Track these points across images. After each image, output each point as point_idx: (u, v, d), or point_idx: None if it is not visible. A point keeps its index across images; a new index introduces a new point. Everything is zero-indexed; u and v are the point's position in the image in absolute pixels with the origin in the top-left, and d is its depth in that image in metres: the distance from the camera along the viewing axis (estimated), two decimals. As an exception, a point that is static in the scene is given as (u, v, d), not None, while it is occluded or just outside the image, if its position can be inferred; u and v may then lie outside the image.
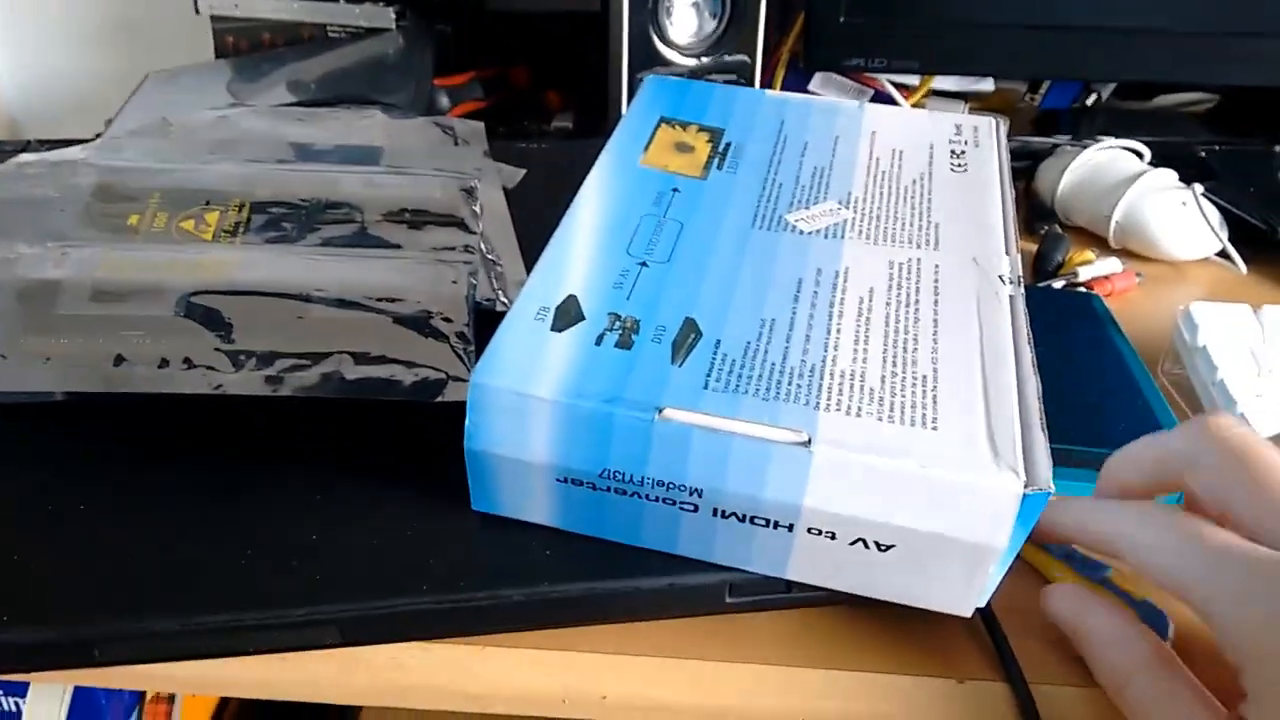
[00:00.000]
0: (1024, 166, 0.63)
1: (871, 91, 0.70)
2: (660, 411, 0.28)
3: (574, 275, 0.32)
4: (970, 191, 0.39)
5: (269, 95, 0.65)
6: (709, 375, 0.29)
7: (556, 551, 0.31)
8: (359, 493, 0.32)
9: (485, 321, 0.37)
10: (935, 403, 0.29)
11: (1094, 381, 0.42)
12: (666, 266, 0.33)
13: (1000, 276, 0.34)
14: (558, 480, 0.30)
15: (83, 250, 0.37)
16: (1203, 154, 0.63)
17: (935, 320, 0.32)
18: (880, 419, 0.28)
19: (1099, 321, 0.47)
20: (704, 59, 0.62)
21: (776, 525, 0.29)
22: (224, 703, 0.47)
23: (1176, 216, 0.55)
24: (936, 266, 0.35)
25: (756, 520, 0.29)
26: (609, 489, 0.29)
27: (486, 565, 0.30)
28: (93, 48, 0.91)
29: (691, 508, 0.29)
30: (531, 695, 0.31)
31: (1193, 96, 0.75)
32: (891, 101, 0.69)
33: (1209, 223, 0.55)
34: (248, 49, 0.71)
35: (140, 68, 0.77)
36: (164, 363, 0.33)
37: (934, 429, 0.28)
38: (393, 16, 0.69)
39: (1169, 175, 0.57)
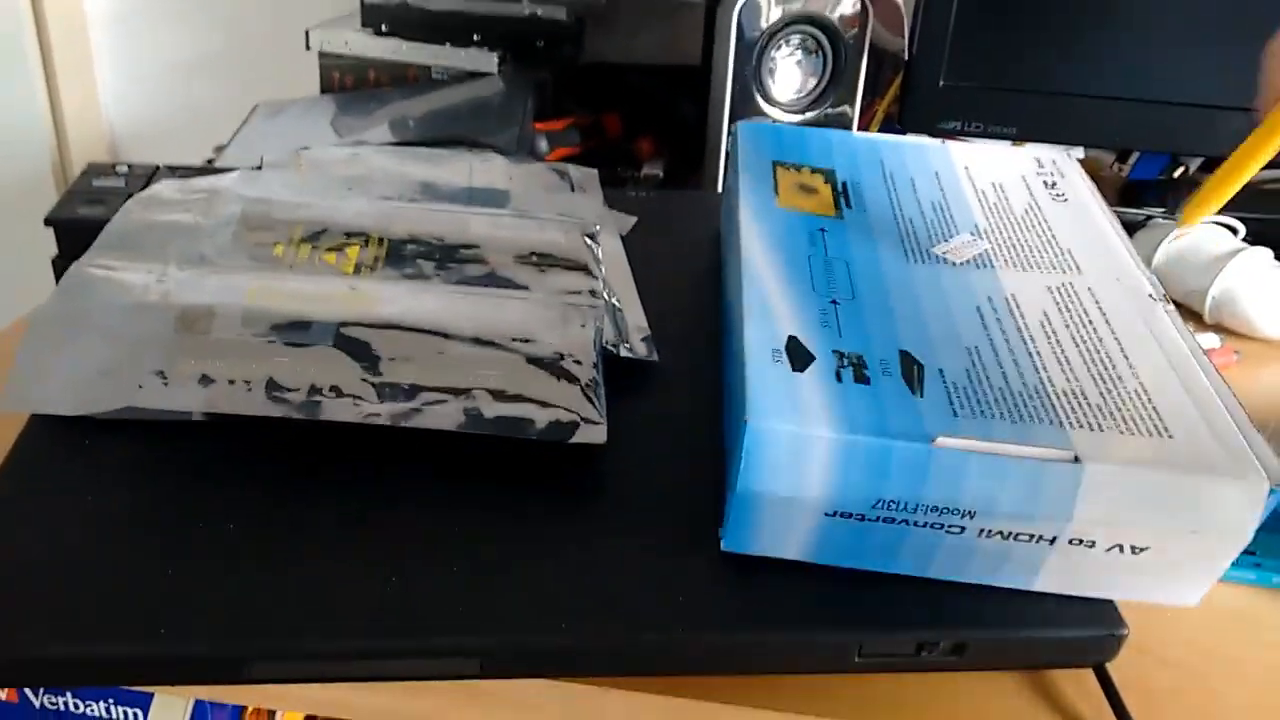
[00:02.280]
0: (1115, 236, 0.63)
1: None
2: (933, 440, 0.29)
3: (783, 317, 0.33)
4: (1080, 218, 0.41)
5: (373, 132, 0.67)
6: (951, 403, 0.30)
7: (690, 598, 0.31)
8: (498, 525, 0.33)
9: (609, 365, 0.38)
10: (1158, 413, 0.31)
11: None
12: (855, 303, 0.34)
13: (1149, 295, 0.36)
14: (826, 515, 0.30)
15: (233, 276, 0.39)
16: (1296, 233, 0.63)
17: (1116, 338, 0.34)
18: (1121, 432, 0.30)
19: (1205, 397, 0.47)
20: (803, 115, 0.63)
21: (1038, 539, 0.30)
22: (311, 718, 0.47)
23: (1275, 295, 0.55)
24: (1090, 289, 0.36)
25: (1020, 537, 0.30)
26: (878, 519, 0.30)
27: (623, 608, 0.31)
28: (196, 76, 0.94)
29: (959, 530, 0.30)
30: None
31: (1279, 174, 0.75)
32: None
33: (1309, 303, 0.55)
34: (353, 86, 0.74)
35: (242, 98, 0.79)
36: (314, 389, 0.34)
37: (1170, 437, 0.30)
38: (495, 61, 0.71)
39: (1265, 253, 0.58)
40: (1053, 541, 0.30)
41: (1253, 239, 0.59)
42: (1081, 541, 0.30)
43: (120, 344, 0.35)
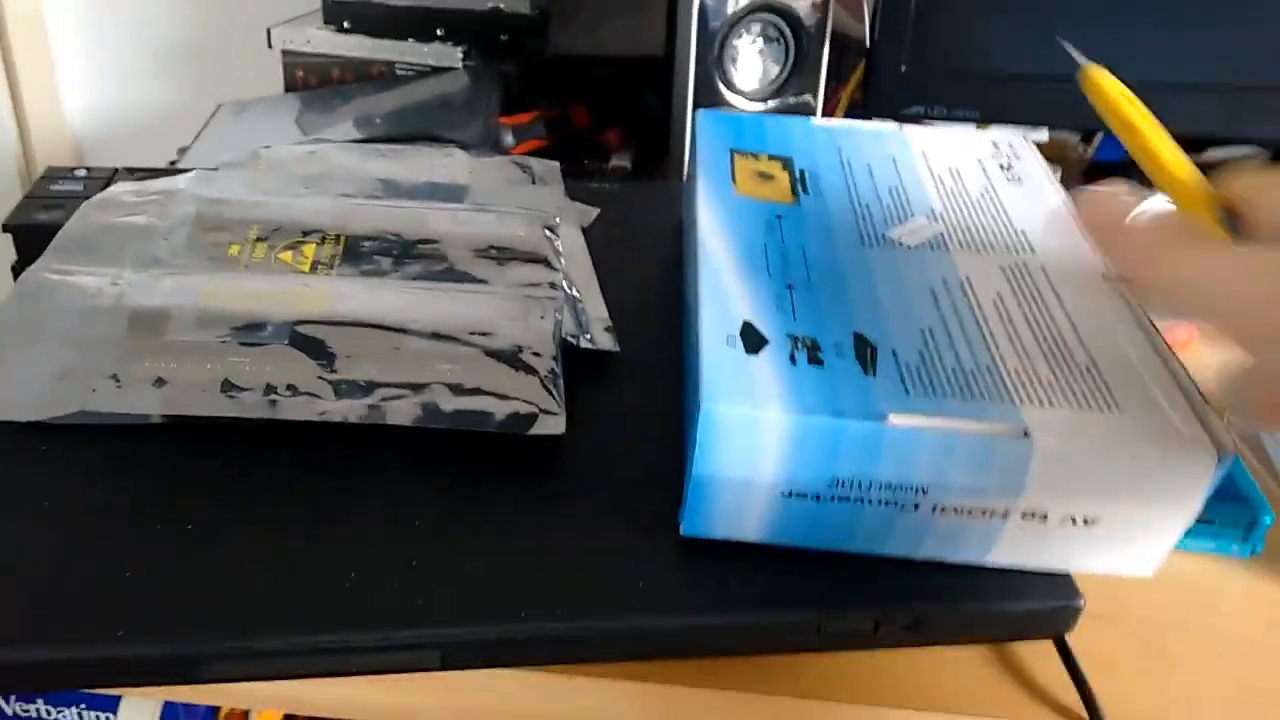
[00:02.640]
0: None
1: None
2: (885, 418, 0.29)
3: (738, 303, 0.34)
4: (1034, 199, 0.42)
5: (338, 129, 0.67)
6: (904, 383, 0.31)
7: (650, 584, 0.31)
8: (457, 518, 0.33)
9: (571, 357, 0.39)
10: (1109, 388, 0.31)
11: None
12: (810, 287, 0.35)
13: (1103, 275, 0.37)
14: (783, 495, 0.31)
15: (188, 278, 0.38)
16: (1258, 208, 0.64)
17: (1068, 316, 0.34)
18: (1072, 407, 0.31)
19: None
20: (767, 103, 0.64)
21: (991, 515, 0.31)
22: (289, 718, 0.47)
23: (1236, 269, 0.56)
24: (1043, 268, 0.37)
25: (973, 512, 0.31)
26: (833, 498, 0.31)
27: (583, 595, 0.31)
28: (159, 77, 0.93)
29: (913, 507, 0.31)
30: (618, 725, 0.32)
31: (1243, 150, 0.75)
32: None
33: (1269, 276, 0.55)
34: (316, 84, 0.74)
35: (206, 97, 0.79)
36: (270, 389, 0.34)
37: (1121, 411, 0.31)
38: (460, 56, 0.71)
39: (1226, 228, 0.58)
40: (1005, 516, 0.31)
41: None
42: (1033, 515, 0.31)
43: (74, 348, 0.35)
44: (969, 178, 0.43)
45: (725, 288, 0.34)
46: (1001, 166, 0.44)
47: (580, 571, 0.32)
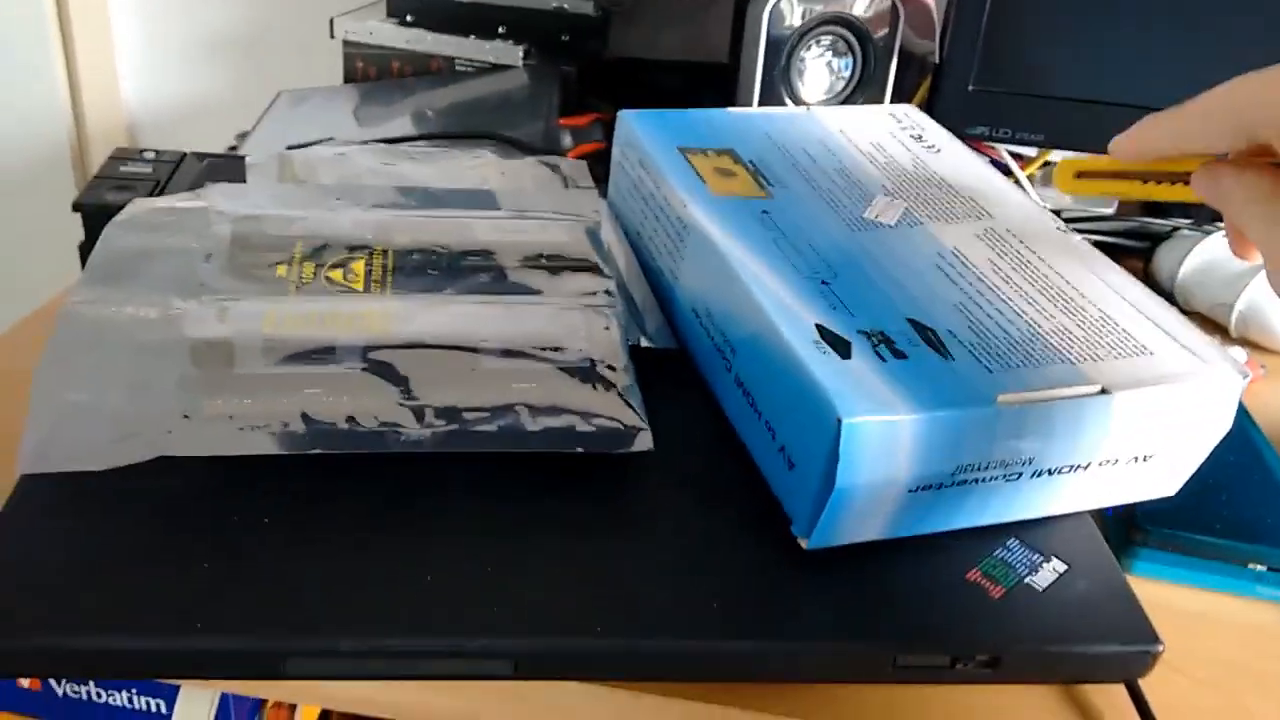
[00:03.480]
0: (1142, 247, 0.63)
1: (986, 158, 0.71)
2: (994, 400, 0.31)
3: (798, 308, 0.34)
4: (960, 166, 0.44)
5: (395, 124, 0.67)
6: (980, 362, 0.32)
7: (725, 605, 0.31)
8: (532, 529, 0.33)
9: (632, 355, 0.38)
10: (1130, 335, 0.34)
11: (1235, 474, 0.42)
12: (841, 281, 0.36)
13: (1058, 229, 0.40)
14: (910, 491, 0.32)
15: (241, 304, 0.37)
16: (1323, 247, 0.63)
17: (1058, 273, 0.37)
18: (1116, 358, 0.33)
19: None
20: (831, 118, 0.63)
21: (1076, 469, 0.33)
22: (325, 714, 0.47)
23: (1302, 310, 0.55)
24: (1009, 230, 0.39)
25: (1063, 470, 0.33)
26: (954, 483, 0.32)
27: (656, 613, 0.31)
28: (218, 61, 0.94)
29: (1016, 476, 0.32)
30: (683, 745, 0.31)
31: None
32: (1007, 170, 0.69)
33: (1337, 318, 0.55)
34: (376, 76, 0.74)
35: (262, 85, 0.79)
36: (351, 419, 0.33)
37: (1152, 354, 0.33)
38: (520, 54, 0.71)
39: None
40: (1087, 467, 0.33)
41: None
42: (1109, 461, 0.33)
43: (137, 390, 0.33)
44: (894, 151, 0.45)
45: (776, 294, 0.35)
46: (914, 137, 0.46)
47: (654, 589, 0.31)
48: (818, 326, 0.33)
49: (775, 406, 0.34)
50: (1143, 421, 0.32)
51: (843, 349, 0.32)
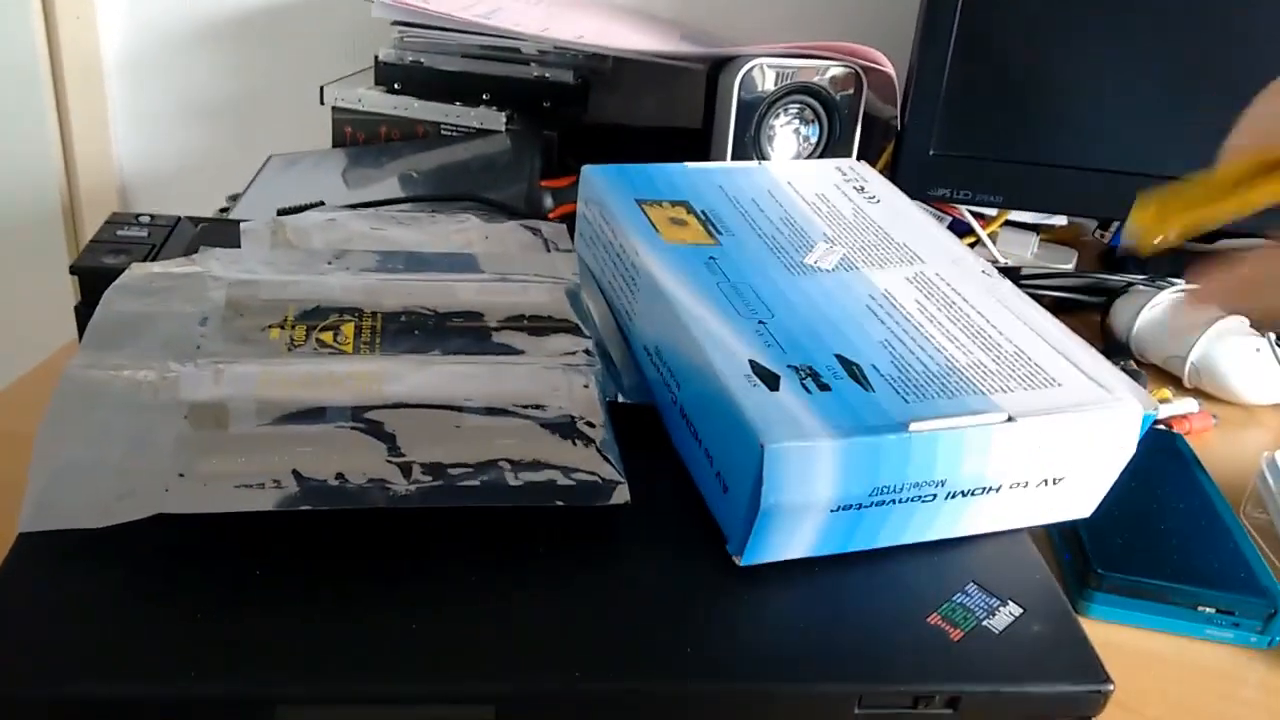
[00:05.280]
0: (1098, 301, 0.66)
1: (949, 218, 0.74)
2: (907, 427, 0.33)
3: (735, 345, 0.37)
4: (897, 215, 0.48)
5: (383, 186, 0.69)
6: (898, 393, 0.35)
7: (696, 649, 0.33)
8: (512, 578, 0.34)
9: (611, 412, 0.40)
10: (1041, 368, 0.37)
11: (1186, 521, 0.44)
12: (777, 320, 0.39)
13: (983, 272, 0.44)
14: (831, 511, 0.34)
15: (236, 367, 0.39)
16: (1271, 302, 0.66)
17: (978, 312, 0.41)
18: (1026, 389, 0.36)
19: (1184, 461, 0.49)
20: (800, 181, 0.66)
21: (989, 490, 0.36)
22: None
23: (1251, 362, 0.58)
24: (938, 274, 0.43)
25: (976, 491, 0.35)
26: (872, 504, 0.34)
27: (631, 656, 0.32)
28: (210, 124, 0.96)
29: (930, 498, 0.35)
30: (659, 786, 0.32)
31: (1254, 242, 0.78)
32: (969, 230, 0.72)
33: (1283, 370, 0.57)
34: (364, 140, 0.76)
35: (254, 148, 0.82)
36: (340, 476, 0.35)
37: (1060, 385, 0.37)
38: (504, 120, 0.74)
39: (1241, 321, 0.60)
40: (999, 490, 0.36)
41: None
42: (1019, 484, 0.36)
43: (135, 450, 0.35)
44: (837, 202, 0.49)
45: (716, 333, 0.38)
46: (856, 188, 0.50)
47: (631, 634, 0.33)
48: (750, 362, 0.36)
49: (712, 435, 0.37)
50: (1048, 447, 0.36)
51: (772, 382, 0.35)
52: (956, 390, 0.36)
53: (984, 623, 0.34)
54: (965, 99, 0.65)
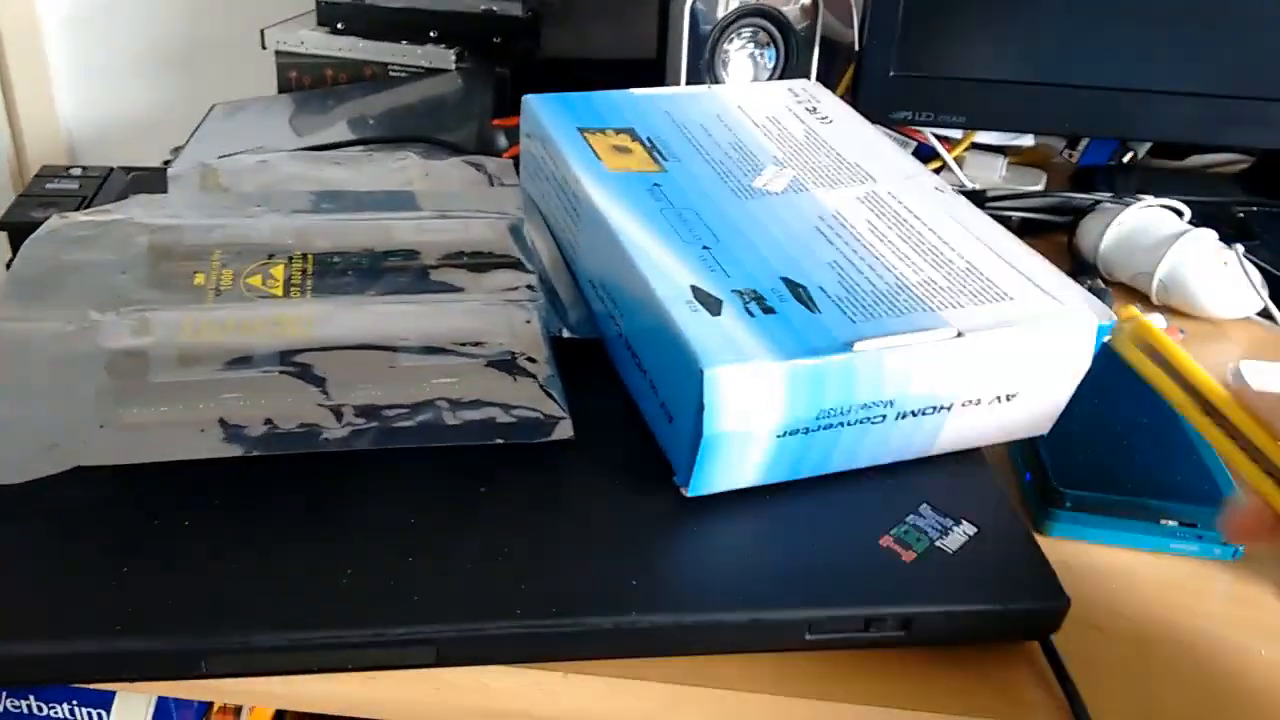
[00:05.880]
0: (1065, 221, 0.65)
1: (914, 143, 0.72)
2: (853, 347, 0.33)
3: (676, 271, 0.36)
4: (850, 134, 0.47)
5: (329, 131, 0.67)
6: (845, 313, 0.34)
7: (643, 582, 0.32)
8: (452, 518, 0.33)
9: (556, 348, 0.39)
10: (993, 283, 0.37)
11: (1149, 435, 0.43)
12: (722, 245, 0.38)
13: (936, 188, 0.43)
14: (778, 437, 0.33)
15: (159, 314, 0.37)
16: (1241, 214, 0.65)
17: (930, 229, 0.40)
18: (977, 304, 0.35)
19: (1149, 375, 0.48)
20: (758, 108, 0.64)
21: (939, 409, 0.35)
22: (280, 715, 0.47)
23: (1219, 276, 0.57)
24: (890, 192, 0.42)
25: (927, 410, 0.35)
26: (820, 428, 0.34)
27: (576, 593, 0.31)
28: (152, 77, 0.93)
29: (880, 419, 0.34)
30: (611, 722, 0.32)
31: (1225, 157, 0.76)
32: (934, 154, 0.71)
33: (1251, 282, 0.56)
34: (310, 85, 0.74)
35: (199, 98, 0.79)
36: (269, 422, 0.33)
37: (1012, 299, 0.36)
38: (453, 58, 0.71)
39: (1210, 235, 0.59)
40: (950, 409, 0.35)
41: (1198, 221, 0.60)
42: (971, 402, 0.35)
43: (55, 402, 0.34)
44: (788, 124, 0.47)
45: (656, 259, 0.37)
46: (809, 109, 0.49)
47: (573, 570, 0.32)
48: (693, 288, 0.35)
49: (655, 364, 0.36)
50: (999, 362, 0.35)
51: (714, 307, 0.34)
52: (905, 308, 0.35)
53: (937, 543, 0.34)
54: (925, 16, 0.63)
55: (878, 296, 0.35)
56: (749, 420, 0.32)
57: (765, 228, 0.39)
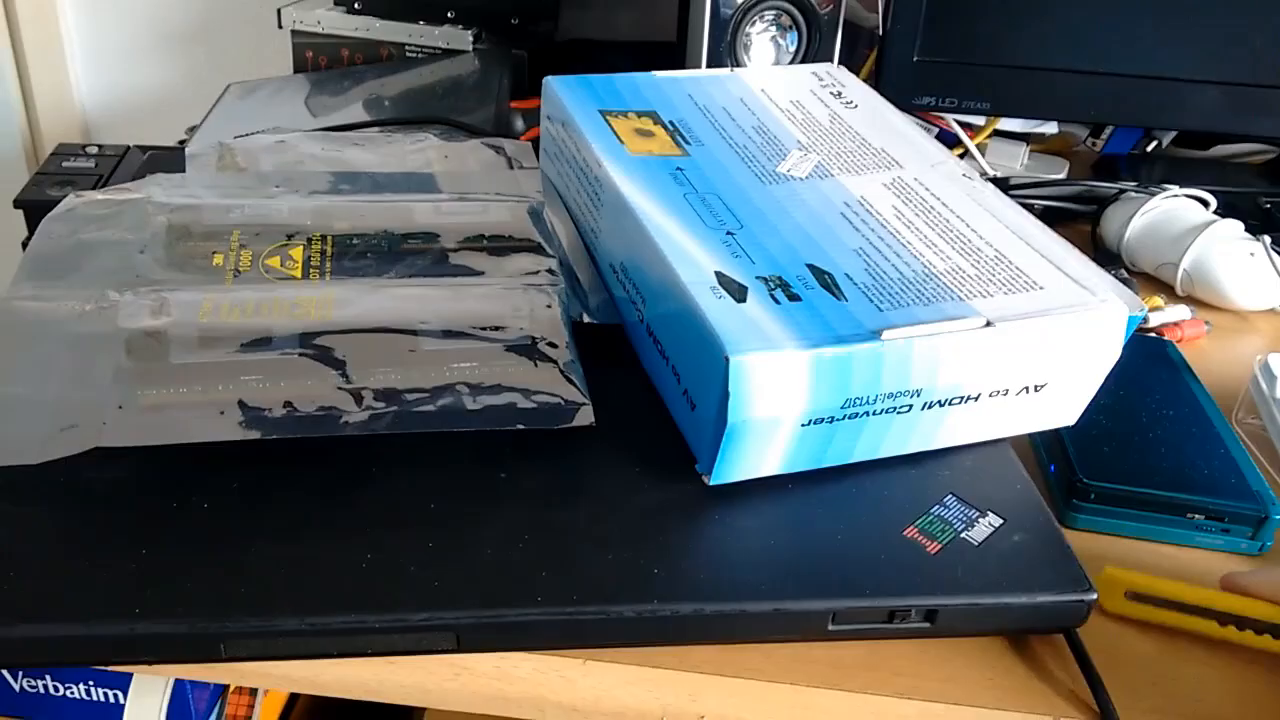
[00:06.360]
0: (1088, 211, 0.64)
1: (936, 129, 0.71)
2: (880, 335, 0.32)
3: (701, 257, 0.36)
4: (876, 120, 0.46)
5: (347, 111, 0.67)
6: (872, 301, 0.34)
7: (665, 570, 0.31)
8: (472, 504, 0.33)
9: (576, 333, 0.39)
10: (1022, 272, 0.36)
11: (1176, 428, 0.43)
12: (746, 231, 0.37)
13: (964, 175, 0.42)
14: (803, 425, 0.33)
15: (177, 294, 0.37)
16: (1267, 205, 0.64)
17: (958, 216, 0.39)
18: (1006, 293, 0.35)
19: (1175, 368, 0.47)
20: (779, 93, 0.63)
21: (967, 399, 0.34)
22: (294, 696, 0.47)
23: (1245, 267, 0.56)
24: (916, 179, 0.41)
25: (954, 401, 0.34)
26: (845, 417, 0.33)
27: (597, 580, 0.31)
28: (168, 56, 0.93)
29: (906, 409, 0.34)
30: (630, 710, 0.32)
31: (1249, 147, 0.75)
32: (957, 141, 0.70)
33: (1278, 273, 0.56)
34: (326, 65, 0.73)
35: (214, 77, 0.78)
36: (288, 405, 0.33)
37: (1042, 289, 0.35)
38: (470, 39, 0.71)
39: (1236, 226, 0.58)
40: (978, 399, 0.35)
41: (1224, 211, 0.59)
42: (999, 392, 0.35)
43: (74, 382, 0.33)
44: (813, 108, 0.46)
45: (680, 244, 0.36)
46: (833, 94, 0.48)
47: (594, 557, 0.32)
48: (717, 274, 0.35)
49: (679, 351, 0.35)
50: (1028, 352, 0.34)
51: (739, 294, 0.34)
52: (933, 297, 0.34)
53: (962, 535, 0.33)
54: (949, 2, 0.62)
55: (905, 284, 0.35)
56: (773, 408, 0.32)
57: (790, 213, 0.38)
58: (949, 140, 0.70)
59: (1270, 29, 0.62)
